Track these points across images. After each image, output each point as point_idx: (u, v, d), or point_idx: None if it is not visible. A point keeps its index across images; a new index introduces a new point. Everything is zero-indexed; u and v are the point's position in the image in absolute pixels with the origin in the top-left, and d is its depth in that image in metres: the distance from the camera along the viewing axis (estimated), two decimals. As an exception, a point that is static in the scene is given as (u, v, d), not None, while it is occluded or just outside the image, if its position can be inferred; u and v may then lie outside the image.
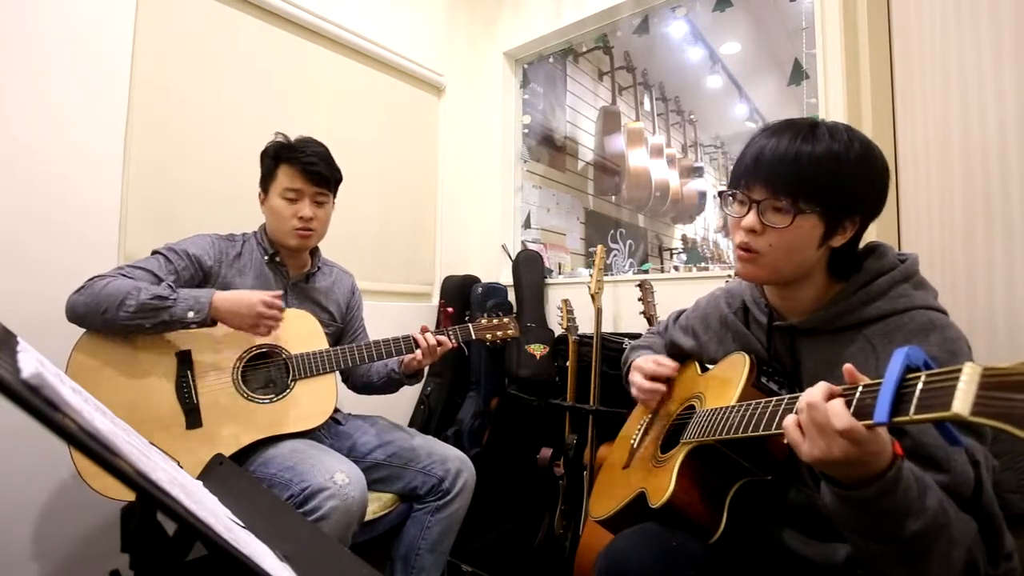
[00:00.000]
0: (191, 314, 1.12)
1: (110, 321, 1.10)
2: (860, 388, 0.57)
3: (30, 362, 0.38)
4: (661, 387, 0.99)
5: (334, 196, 1.40)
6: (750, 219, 0.77)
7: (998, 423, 0.42)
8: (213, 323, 1.17)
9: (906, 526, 0.59)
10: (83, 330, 1.14)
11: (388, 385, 1.46)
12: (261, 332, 1.19)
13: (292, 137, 1.34)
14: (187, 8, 1.63)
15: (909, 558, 0.61)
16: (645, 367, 1.02)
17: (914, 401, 0.49)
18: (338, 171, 1.38)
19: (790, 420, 0.62)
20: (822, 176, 0.73)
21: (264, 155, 1.34)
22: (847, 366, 0.59)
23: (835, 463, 0.58)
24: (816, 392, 0.59)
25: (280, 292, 1.23)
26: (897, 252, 0.83)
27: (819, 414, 0.57)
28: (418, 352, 1.33)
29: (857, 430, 0.55)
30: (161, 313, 1.11)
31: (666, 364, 1.02)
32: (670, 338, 1.14)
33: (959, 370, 0.46)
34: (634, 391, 1.03)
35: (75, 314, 1.12)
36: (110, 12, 1.47)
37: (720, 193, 0.85)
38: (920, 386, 0.49)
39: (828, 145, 0.73)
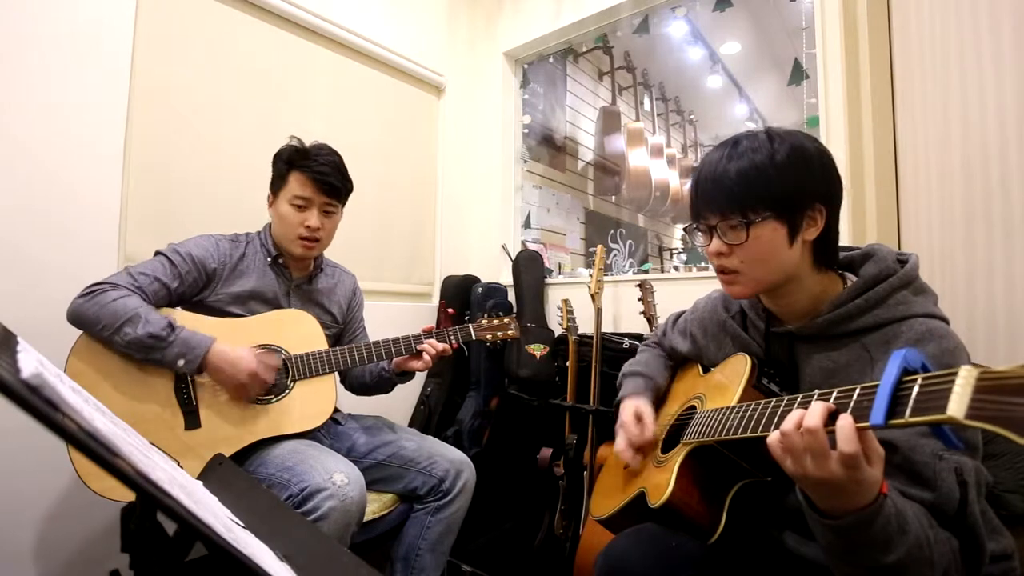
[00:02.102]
0: (181, 362, 1.12)
1: (105, 339, 1.10)
2: (857, 391, 0.56)
3: (30, 362, 0.38)
4: (639, 457, 0.96)
5: (343, 206, 1.39)
6: (715, 244, 0.81)
7: (993, 427, 0.42)
8: (200, 372, 1.15)
9: (882, 558, 0.59)
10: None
11: (380, 384, 1.46)
12: (236, 398, 1.18)
13: (307, 142, 1.33)
14: (187, 8, 1.63)
15: None
16: (629, 431, 0.97)
17: (910, 404, 0.49)
18: (349, 181, 1.37)
19: (774, 438, 0.61)
20: (753, 185, 0.75)
21: (277, 158, 1.33)
22: None
23: (818, 483, 0.58)
24: (815, 416, 0.57)
25: (277, 364, 1.21)
26: (897, 253, 0.82)
27: (816, 440, 0.57)
28: (427, 359, 1.33)
29: (859, 457, 0.54)
30: (154, 352, 1.11)
31: (647, 428, 0.96)
32: (669, 343, 1.13)
33: (955, 373, 0.46)
34: (616, 449, 1.00)
35: (75, 319, 1.12)
36: (110, 12, 1.47)
37: (685, 230, 0.89)
38: (916, 389, 0.49)
39: (750, 157, 0.76)
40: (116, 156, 1.47)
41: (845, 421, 0.55)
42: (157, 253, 1.24)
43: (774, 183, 0.75)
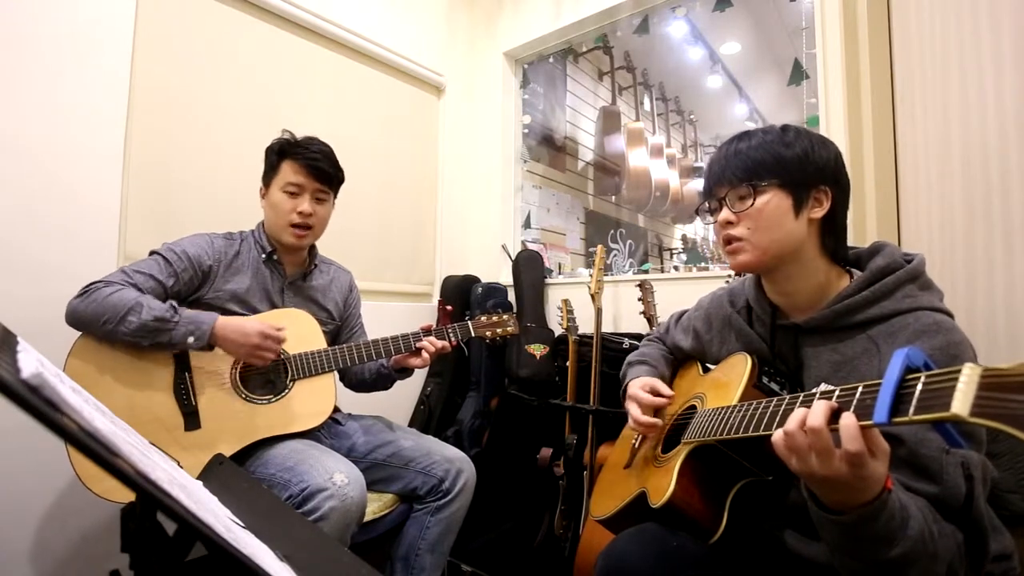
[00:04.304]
0: (191, 339, 1.13)
1: (109, 333, 1.10)
2: (860, 389, 0.56)
3: (30, 362, 0.38)
4: (657, 421, 0.95)
5: (335, 196, 1.40)
6: (724, 213, 0.85)
7: (997, 424, 0.42)
8: (211, 348, 1.17)
9: (886, 552, 0.59)
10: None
11: (379, 381, 1.46)
12: (256, 362, 1.19)
13: (298, 136, 1.34)
14: (187, 8, 1.63)
15: (887, 575, 0.61)
16: (641, 398, 0.97)
17: (913, 402, 0.49)
18: (341, 171, 1.38)
19: (778, 437, 0.61)
20: (764, 156, 0.81)
21: (269, 150, 1.35)
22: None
23: (823, 480, 0.59)
24: (818, 415, 0.57)
25: (282, 326, 1.22)
26: (903, 252, 0.82)
27: (820, 439, 0.57)
28: (425, 356, 1.33)
29: (864, 455, 0.55)
30: (161, 335, 1.11)
31: (663, 394, 0.98)
32: (672, 341, 1.13)
33: (959, 371, 0.46)
34: (631, 424, 0.99)
35: (75, 320, 1.12)
36: (110, 12, 1.47)
37: (696, 210, 0.93)
38: (919, 387, 0.49)
39: (761, 136, 0.83)
40: (116, 156, 1.47)
41: (848, 420, 0.55)
42: (152, 253, 1.24)
43: (782, 158, 0.80)
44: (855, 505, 0.59)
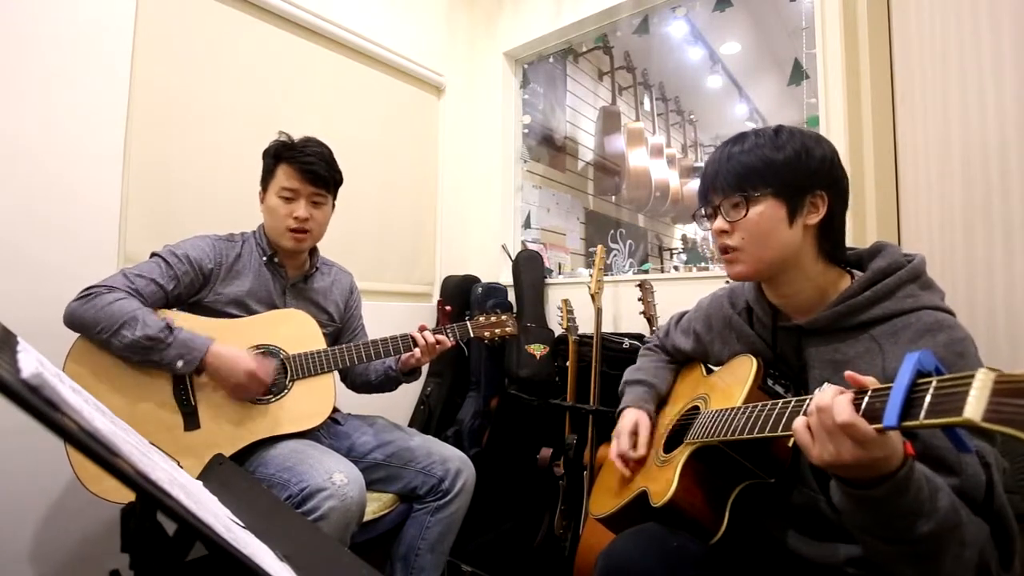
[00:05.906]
0: (180, 363, 1.12)
1: (103, 343, 1.10)
2: (870, 392, 0.56)
3: (30, 362, 0.38)
4: (627, 472, 0.99)
5: (334, 198, 1.39)
6: (718, 222, 0.85)
7: (1010, 429, 0.42)
8: (199, 373, 1.16)
9: (917, 527, 0.58)
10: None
11: (386, 383, 1.46)
12: (235, 399, 1.19)
13: (296, 137, 1.34)
14: (187, 8, 1.63)
15: (920, 559, 0.60)
16: (621, 444, 1.01)
17: (925, 406, 0.49)
18: (338, 172, 1.37)
19: (800, 422, 0.61)
20: (756, 162, 0.80)
21: (265, 154, 1.34)
22: (848, 373, 0.59)
23: (844, 466, 0.58)
24: (827, 395, 0.59)
25: (274, 365, 1.22)
26: (903, 253, 0.82)
27: (829, 417, 0.57)
28: (416, 350, 1.33)
29: (861, 426, 0.54)
30: (152, 354, 1.11)
31: (638, 450, 0.99)
32: (672, 343, 1.13)
33: (971, 376, 0.46)
34: (611, 455, 1.04)
35: (72, 322, 1.11)
36: (110, 12, 1.47)
37: (693, 216, 0.94)
38: (931, 391, 0.49)
39: (754, 141, 0.82)
40: (116, 156, 1.47)
41: (842, 396, 0.57)
42: (153, 255, 1.23)
43: (775, 164, 0.79)
44: (882, 475, 0.57)
